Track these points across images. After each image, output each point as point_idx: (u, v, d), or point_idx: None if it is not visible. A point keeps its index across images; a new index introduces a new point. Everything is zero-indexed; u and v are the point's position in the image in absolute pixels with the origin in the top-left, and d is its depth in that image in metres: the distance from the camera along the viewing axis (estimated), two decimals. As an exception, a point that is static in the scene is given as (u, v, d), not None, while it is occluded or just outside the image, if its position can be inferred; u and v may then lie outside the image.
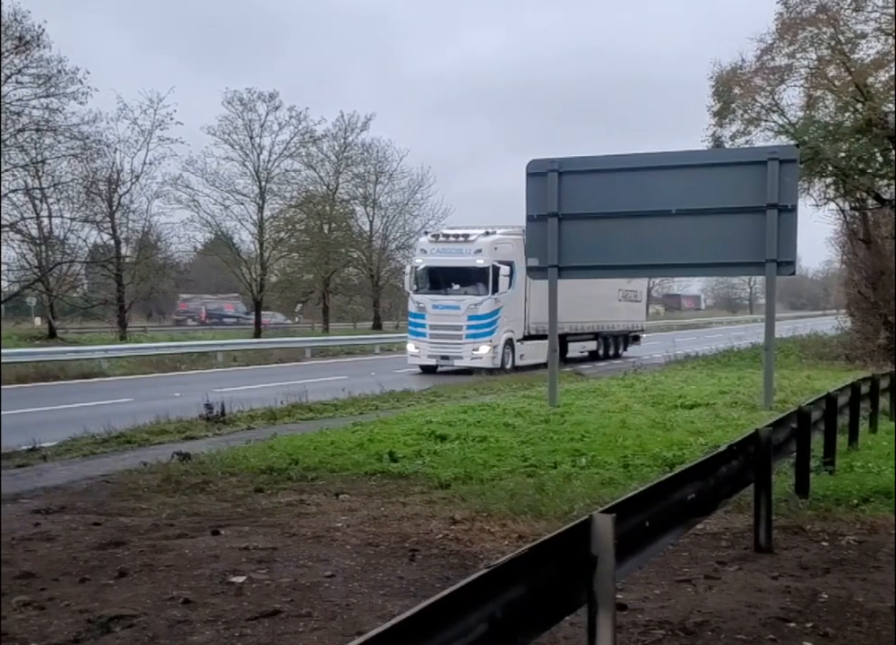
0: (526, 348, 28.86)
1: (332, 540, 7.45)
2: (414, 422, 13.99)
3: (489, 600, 3.13)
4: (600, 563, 3.79)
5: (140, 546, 7.21)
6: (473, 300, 27.66)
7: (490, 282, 27.52)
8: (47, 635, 5.18)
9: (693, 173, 16.22)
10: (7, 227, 39.12)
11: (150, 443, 12.91)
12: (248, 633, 5.27)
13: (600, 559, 3.79)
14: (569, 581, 3.74)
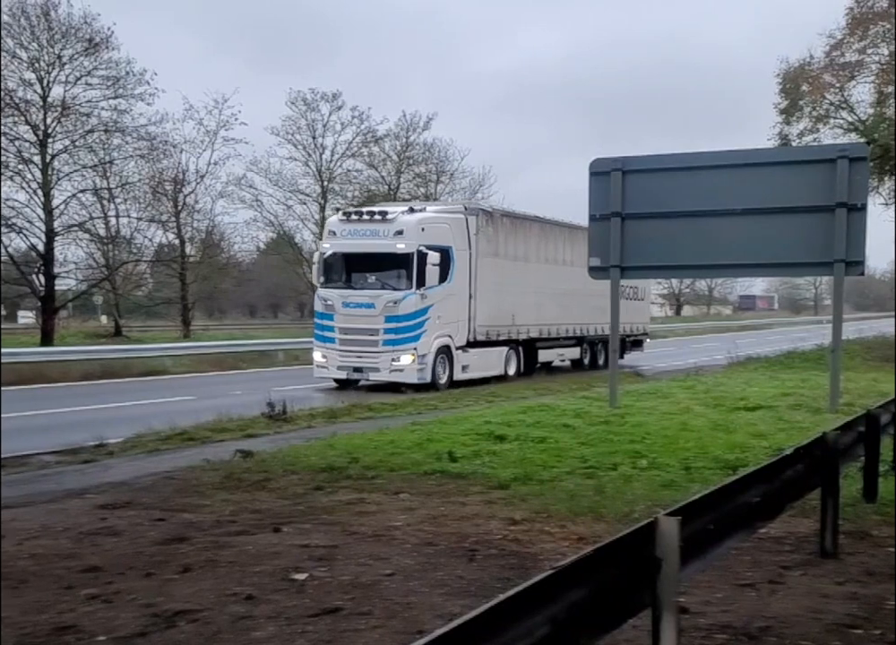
0: (471, 357, 23.28)
1: (392, 539, 7.47)
2: (472, 422, 13.98)
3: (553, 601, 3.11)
4: (665, 566, 3.75)
5: (203, 542, 7.30)
6: (391, 296, 21.57)
7: (414, 273, 21.40)
8: (114, 628, 5.27)
9: (760, 171, 15.96)
10: (76, 226, 39.87)
11: (212, 441, 13.07)
12: (310, 630, 5.31)
13: (665, 562, 3.75)
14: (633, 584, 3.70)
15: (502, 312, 24.20)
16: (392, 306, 21.50)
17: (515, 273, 24.95)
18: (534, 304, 25.69)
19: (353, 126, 49.65)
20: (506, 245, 24.84)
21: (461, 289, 22.95)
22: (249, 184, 48.14)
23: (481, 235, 23.49)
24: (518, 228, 25.64)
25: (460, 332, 22.99)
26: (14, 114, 36.44)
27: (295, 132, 49.55)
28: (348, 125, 49.58)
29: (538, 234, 26.71)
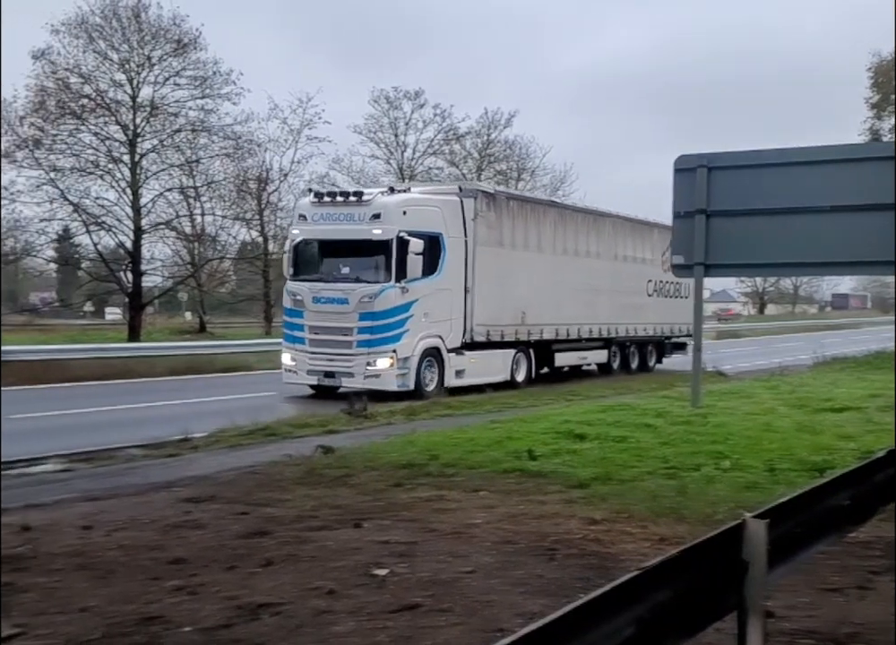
0: (467, 361, 20.37)
1: (471, 537, 7.46)
2: (552, 420, 13.91)
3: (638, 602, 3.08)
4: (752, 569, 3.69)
5: (284, 536, 7.38)
6: (366, 291, 18.71)
7: (393, 263, 18.58)
8: (199, 620, 5.35)
9: (849, 167, 15.54)
10: (163, 224, 40.74)
11: (294, 436, 13.23)
12: (390, 626, 5.33)
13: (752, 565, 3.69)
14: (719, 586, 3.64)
15: (507, 309, 21.50)
16: (368, 302, 18.64)
17: (525, 265, 22.21)
18: (549, 301, 22.92)
19: (435, 124, 49.85)
20: (513, 233, 22.03)
21: (455, 283, 20.05)
22: (332, 182, 48.57)
23: (480, 220, 20.66)
24: (529, 214, 22.76)
25: (453, 332, 20.04)
26: (105, 114, 37.38)
27: (377, 130, 49.97)
28: (430, 123, 49.80)
29: (556, 221, 23.77)
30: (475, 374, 20.49)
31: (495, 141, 53.29)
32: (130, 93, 38.16)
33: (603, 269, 25.16)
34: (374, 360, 18.68)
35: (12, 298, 57.67)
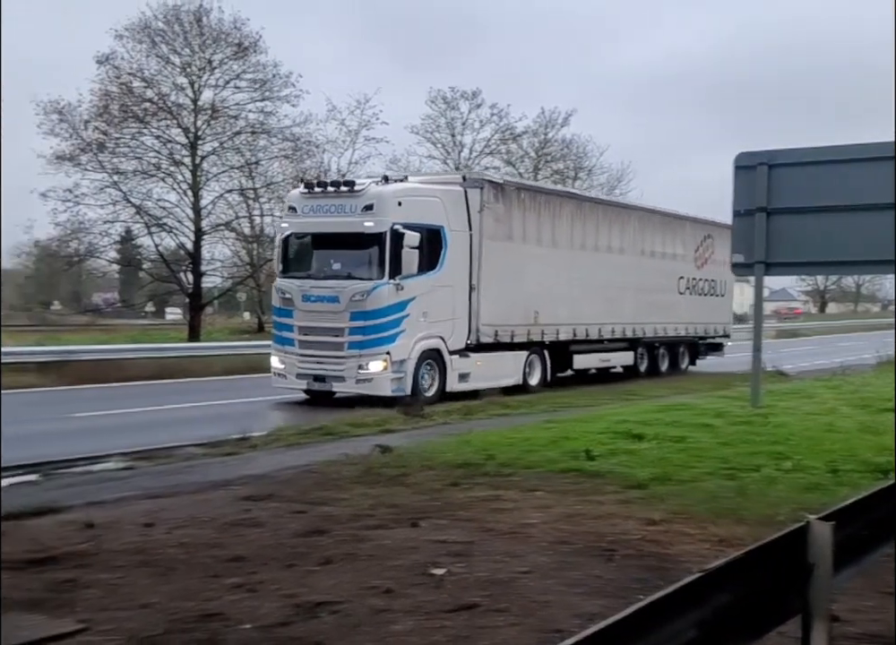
0: (472, 364, 18.90)
1: (528, 536, 7.43)
2: (608, 420, 13.82)
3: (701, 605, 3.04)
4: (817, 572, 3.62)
5: (342, 534, 7.41)
6: (358, 288, 17.34)
7: (387, 258, 17.23)
8: (258, 617, 5.39)
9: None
10: (223, 225, 41.21)
11: (350, 436, 13.29)
12: (447, 625, 5.32)
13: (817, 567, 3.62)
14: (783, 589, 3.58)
15: (518, 308, 20.09)
16: (359, 300, 17.25)
17: (538, 261, 20.79)
18: (566, 299, 21.49)
19: (492, 124, 49.79)
20: (525, 226, 20.56)
21: (458, 280, 18.62)
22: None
23: (487, 212, 19.27)
24: (543, 206, 21.24)
25: (456, 333, 18.59)
26: (167, 117, 37.91)
27: (434, 130, 50.07)
28: (487, 123, 49.75)
29: (574, 214, 22.24)
30: (481, 377, 19.03)
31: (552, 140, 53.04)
32: (191, 96, 38.64)
33: (628, 265, 23.67)
34: (366, 363, 17.27)
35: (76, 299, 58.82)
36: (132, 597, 5.76)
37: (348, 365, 17.38)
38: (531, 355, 20.73)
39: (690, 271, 26.78)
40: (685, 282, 26.64)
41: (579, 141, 53.52)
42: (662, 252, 25.63)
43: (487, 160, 51.03)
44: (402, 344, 17.44)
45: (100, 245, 39.08)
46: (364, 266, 17.63)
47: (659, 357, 25.68)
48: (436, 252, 18.17)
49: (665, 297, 25.48)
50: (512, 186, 20.69)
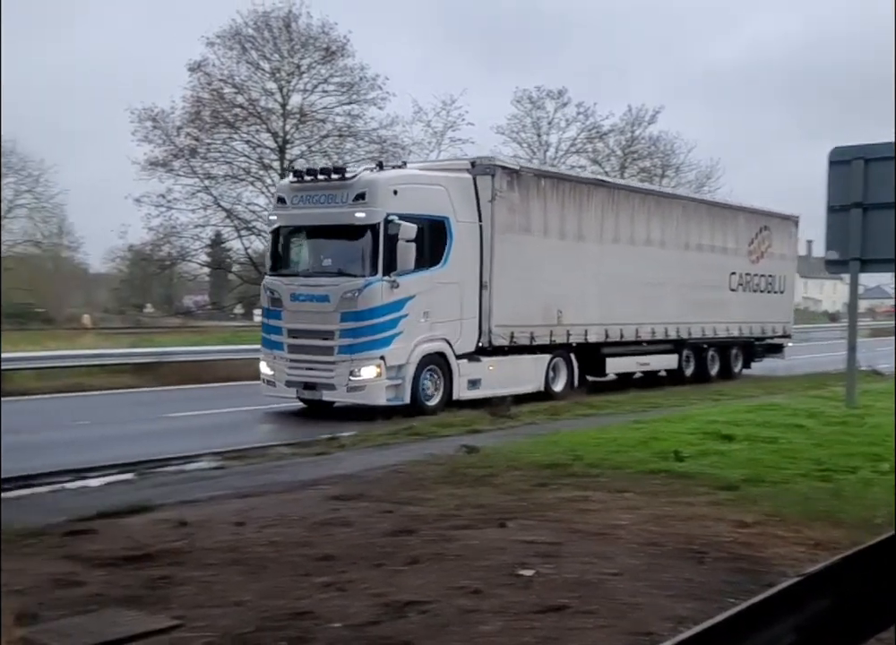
0: (482, 369, 17.28)
1: (616, 538, 7.36)
2: (698, 421, 13.64)
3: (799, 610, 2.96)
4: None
5: (429, 534, 7.42)
6: (349, 286, 15.75)
7: (380, 252, 15.57)
8: (348, 616, 5.43)
9: None
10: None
11: (437, 436, 13.33)
12: (536, 626, 5.29)
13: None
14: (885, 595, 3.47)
15: (538, 307, 18.40)
16: (350, 299, 15.61)
17: (562, 256, 19.05)
18: (595, 297, 19.77)
19: (578, 123, 49.40)
20: (546, 218, 18.77)
21: (466, 276, 17.00)
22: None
23: (500, 202, 17.56)
24: (567, 195, 19.40)
25: (464, 335, 16.93)
26: (257, 122, 38.57)
27: (520, 130, 49.92)
28: (573, 122, 49.38)
29: (605, 204, 20.31)
30: (495, 383, 17.28)
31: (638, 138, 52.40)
32: (280, 101, 39.22)
33: (670, 260, 21.76)
34: (357, 369, 15.60)
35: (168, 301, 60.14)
36: (224, 594, 5.85)
37: (339, 372, 15.71)
38: (555, 358, 18.95)
39: (743, 266, 24.71)
40: (738, 278, 24.58)
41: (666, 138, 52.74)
42: (711, 245, 23.62)
43: (573, 159, 50.74)
44: (399, 347, 15.80)
45: (192, 249, 39.97)
46: (356, 261, 15.98)
47: (707, 360, 23.62)
48: (440, 245, 16.56)
49: (714, 295, 23.45)
50: (530, 173, 18.87)
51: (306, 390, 16.17)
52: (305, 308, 16.09)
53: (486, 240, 17.31)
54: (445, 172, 17.58)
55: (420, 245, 15.91)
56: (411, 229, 15.54)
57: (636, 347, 20.96)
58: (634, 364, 21.28)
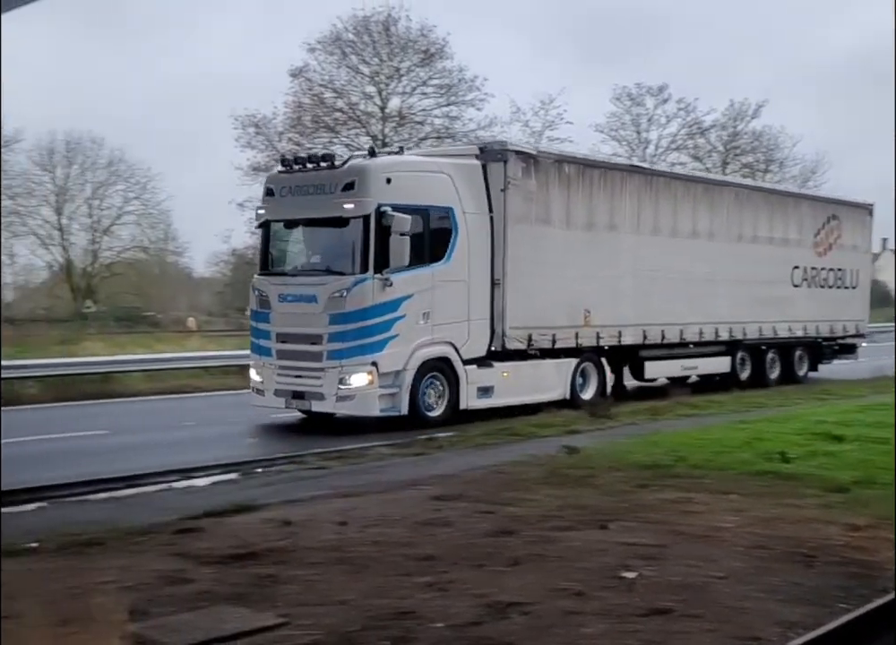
0: (495, 375, 15.50)
1: (721, 540, 7.24)
2: (805, 421, 13.33)
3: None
4: None
5: (530, 535, 7.40)
6: (337, 284, 14.20)
7: (371, 247, 13.98)
8: (450, 616, 5.44)
9: None
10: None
11: (537, 436, 13.27)
12: (640, 629, 5.23)
13: None
14: None
15: (561, 307, 16.59)
16: (338, 299, 14.06)
17: (589, 250, 17.18)
18: (632, 295, 17.92)
19: (679, 119, 48.73)
20: (569, 207, 16.90)
21: (475, 273, 15.29)
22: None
23: (514, 191, 15.79)
24: (595, 183, 17.47)
25: (473, 338, 15.21)
26: (357, 126, 39.05)
27: (619, 127, 49.45)
28: (674, 118, 48.72)
29: (640, 192, 18.38)
30: (510, 391, 15.62)
31: (741, 133, 51.35)
32: (379, 104, 39.59)
33: (720, 253, 19.85)
34: (346, 376, 14.02)
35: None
36: (328, 593, 5.92)
37: (328, 380, 14.13)
38: (583, 363, 17.07)
39: (808, 259, 22.52)
40: (802, 273, 22.34)
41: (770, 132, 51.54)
42: (769, 237, 21.49)
43: (674, 156, 50.05)
44: (394, 352, 14.16)
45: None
46: (345, 258, 14.40)
47: (767, 363, 21.38)
48: (443, 240, 14.93)
49: (774, 291, 21.20)
50: (549, 158, 16.82)
51: (295, 399, 14.57)
52: (292, 310, 14.63)
53: (498, 233, 15.65)
54: (450, 158, 16.04)
55: (419, 239, 14.41)
56: (405, 221, 13.93)
57: (681, 349, 19.16)
58: (679, 368, 19.42)
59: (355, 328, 13.94)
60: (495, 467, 10.71)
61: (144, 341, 29.16)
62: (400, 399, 14.19)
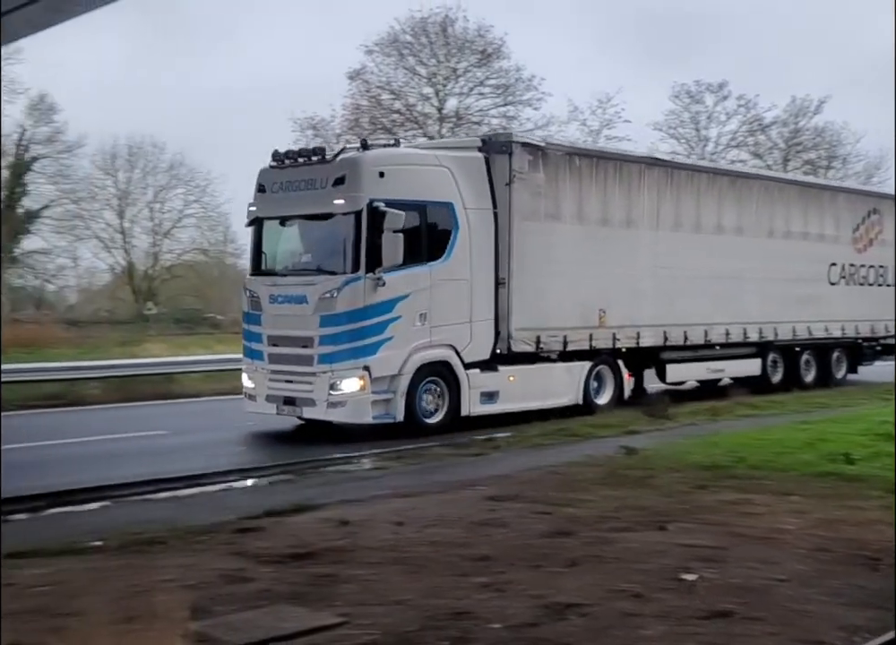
0: (500, 379, 14.72)
1: (783, 542, 7.15)
2: (868, 421, 13.09)
3: None
4: None
5: (587, 536, 7.36)
6: (327, 284, 13.52)
7: (363, 245, 13.29)
8: (507, 617, 5.43)
9: None
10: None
11: (594, 437, 13.21)
12: (701, 632, 5.17)
13: None
14: None
15: (573, 307, 15.77)
16: (328, 300, 13.40)
17: (605, 247, 16.32)
18: (652, 294, 17.04)
19: (739, 116, 48.19)
20: (581, 202, 16.07)
21: (477, 271, 14.50)
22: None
23: (521, 185, 15.02)
24: (609, 176, 16.60)
25: (475, 341, 14.44)
26: (414, 127, 39.23)
27: (678, 125, 49.07)
28: (734, 115, 48.20)
29: (660, 185, 17.44)
30: (517, 396, 14.83)
31: (802, 129, 50.62)
32: (436, 105, 39.74)
33: (749, 249, 18.88)
34: (337, 381, 13.33)
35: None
36: (386, 593, 5.94)
37: (318, 385, 13.45)
38: (598, 366, 16.22)
39: (847, 256, 21.42)
40: (840, 270, 21.24)
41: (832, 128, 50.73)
42: (803, 232, 20.45)
43: (734, 153, 49.47)
44: (388, 356, 13.44)
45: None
46: (335, 256, 13.77)
47: (801, 365, 20.33)
48: (442, 237, 14.17)
49: (809, 290, 20.11)
50: (559, 150, 16.03)
51: (286, 405, 13.94)
52: (283, 312, 13.99)
53: (502, 230, 14.85)
54: (450, 151, 15.25)
55: (416, 236, 13.77)
56: (399, 217, 13.19)
57: (707, 351, 18.17)
58: (704, 370, 18.48)
59: (346, 330, 13.28)
60: (552, 467, 10.68)
61: (204, 342, 29.51)
62: (394, 405, 13.49)
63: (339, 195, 13.33)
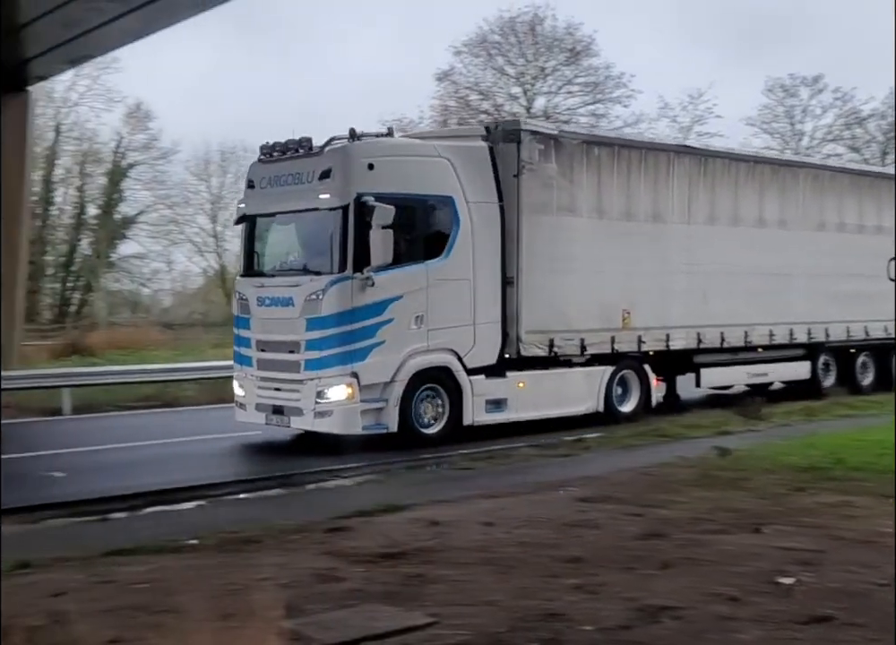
0: (508, 386, 13.73)
1: (885, 546, 6.91)
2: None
3: None
4: None
5: (680, 538, 7.25)
6: (313, 285, 12.61)
7: (349, 243, 12.37)
8: (599, 619, 5.37)
9: None
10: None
11: (686, 437, 13.05)
12: (799, 637, 5.04)
13: None
14: None
15: (591, 307, 14.71)
16: (314, 302, 12.49)
17: (629, 242, 15.20)
18: (684, 292, 15.82)
19: (835, 109, 47.14)
20: (600, 194, 14.99)
21: (481, 270, 13.52)
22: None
23: (529, 176, 14.00)
24: (633, 166, 15.49)
25: (480, 345, 13.46)
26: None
27: (771, 120, 48.19)
28: (830, 108, 47.15)
29: (692, 175, 16.27)
30: (528, 404, 13.84)
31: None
32: (525, 105, 39.69)
33: (796, 243, 17.59)
34: (324, 389, 12.42)
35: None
36: (476, 593, 5.93)
37: (306, 393, 12.56)
38: (621, 371, 15.10)
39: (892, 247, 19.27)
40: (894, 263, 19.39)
41: (934, 118, 49.18)
42: (857, 224, 19.05)
43: (829, 147, 48.34)
44: (379, 361, 12.53)
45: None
46: (322, 255, 12.82)
47: (857, 367, 18.99)
48: (441, 233, 13.29)
49: (865, 286, 18.40)
50: (573, 139, 14.84)
51: (275, 415, 13.06)
52: (271, 315, 13.14)
53: (510, 224, 13.83)
54: (450, 141, 14.35)
55: (410, 232, 13.00)
56: (388, 212, 12.21)
57: (747, 354, 16.96)
58: (744, 375, 17.18)
59: (333, 334, 12.37)
60: (643, 468, 10.56)
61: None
62: (387, 414, 12.60)
63: (324, 189, 12.50)
